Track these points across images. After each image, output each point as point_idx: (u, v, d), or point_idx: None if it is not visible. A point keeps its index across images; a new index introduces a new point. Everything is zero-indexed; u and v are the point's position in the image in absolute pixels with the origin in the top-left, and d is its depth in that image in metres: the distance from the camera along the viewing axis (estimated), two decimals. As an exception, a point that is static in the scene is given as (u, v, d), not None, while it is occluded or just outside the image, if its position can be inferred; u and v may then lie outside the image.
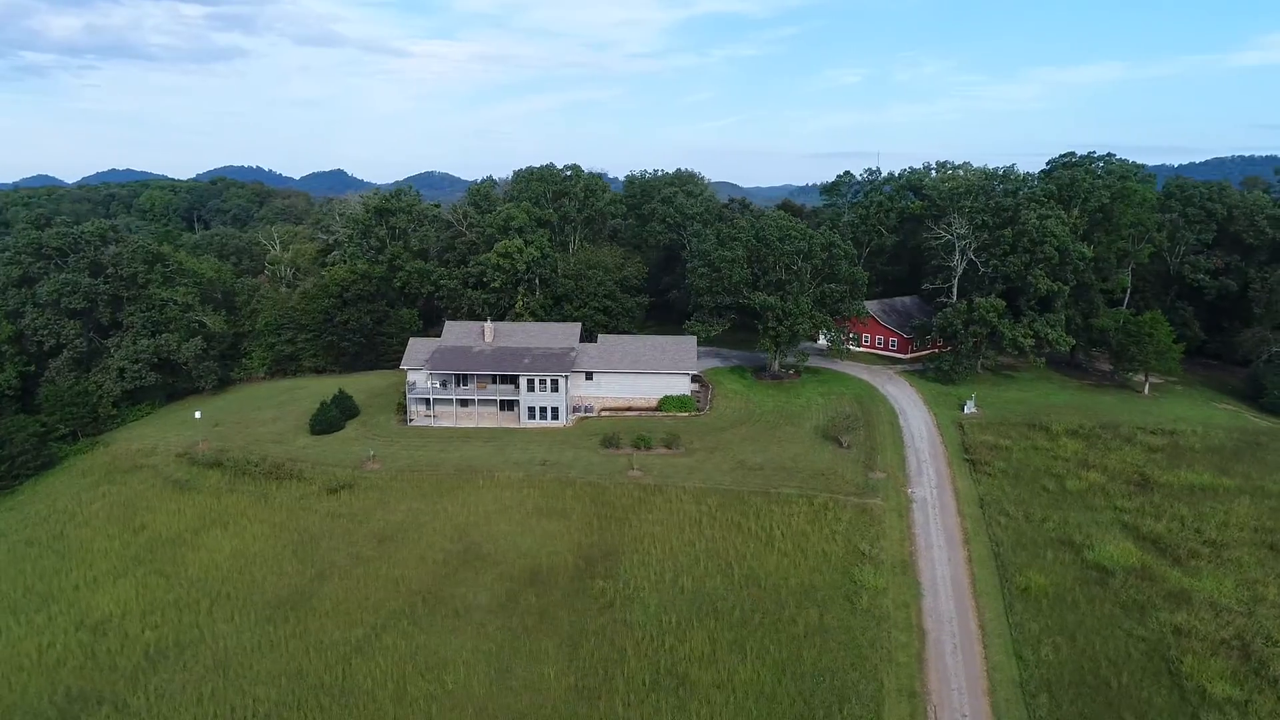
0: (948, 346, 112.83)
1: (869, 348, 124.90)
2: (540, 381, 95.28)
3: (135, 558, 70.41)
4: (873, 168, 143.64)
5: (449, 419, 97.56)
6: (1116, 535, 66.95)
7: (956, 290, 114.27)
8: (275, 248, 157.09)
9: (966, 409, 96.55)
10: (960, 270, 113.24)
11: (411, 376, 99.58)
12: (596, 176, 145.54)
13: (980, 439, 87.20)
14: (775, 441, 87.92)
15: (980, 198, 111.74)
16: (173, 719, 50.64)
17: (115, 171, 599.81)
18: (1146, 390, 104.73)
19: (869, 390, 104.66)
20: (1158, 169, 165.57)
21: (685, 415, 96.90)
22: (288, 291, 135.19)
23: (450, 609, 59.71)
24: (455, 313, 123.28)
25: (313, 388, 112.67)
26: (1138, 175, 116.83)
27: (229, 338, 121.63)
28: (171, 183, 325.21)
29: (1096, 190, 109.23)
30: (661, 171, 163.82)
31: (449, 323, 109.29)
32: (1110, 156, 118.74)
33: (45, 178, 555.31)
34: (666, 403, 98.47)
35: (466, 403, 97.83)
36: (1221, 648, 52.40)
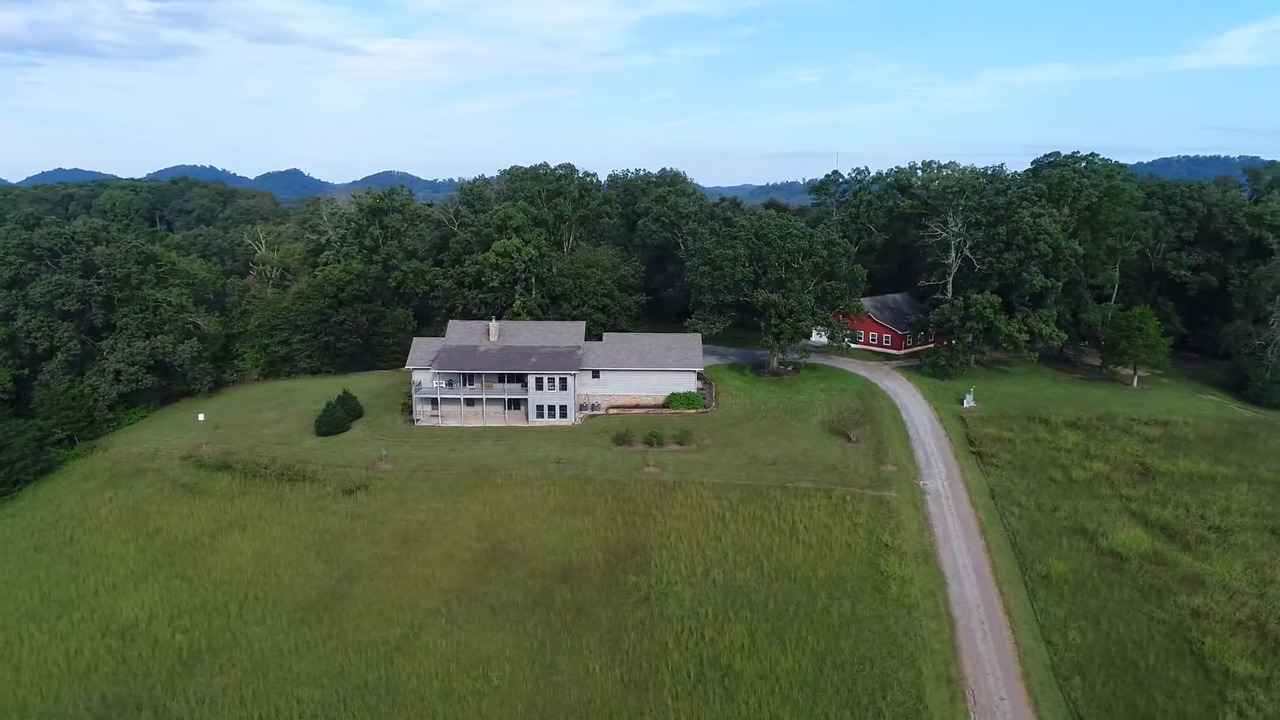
0: (942, 342, 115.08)
1: (864, 344, 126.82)
2: (549, 380, 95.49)
3: (153, 562, 69.64)
4: (861, 167, 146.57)
5: (456, 418, 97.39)
6: (1126, 523, 69.19)
7: (951, 287, 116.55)
8: (262, 248, 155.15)
9: (966, 403, 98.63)
10: (955, 267, 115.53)
11: (417, 376, 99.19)
12: (590, 175, 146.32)
13: (984, 432, 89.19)
14: (785, 437, 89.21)
15: (974, 196, 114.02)
16: (217, 722, 50.45)
17: (63, 170, 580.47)
18: (1135, 383, 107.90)
19: (869, 386, 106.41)
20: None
21: (693, 412, 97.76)
22: (279, 292, 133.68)
23: (485, 606, 60.00)
24: (450, 312, 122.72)
25: (311, 389, 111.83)
26: (1121, 174, 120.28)
27: (221, 339, 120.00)
28: (132, 182, 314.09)
29: (1086, 189, 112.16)
30: (645, 171, 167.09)
31: (453, 322, 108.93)
32: (1094, 156, 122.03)
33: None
34: (674, 400, 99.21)
35: (473, 402, 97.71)
36: (1239, 628, 54.64)
